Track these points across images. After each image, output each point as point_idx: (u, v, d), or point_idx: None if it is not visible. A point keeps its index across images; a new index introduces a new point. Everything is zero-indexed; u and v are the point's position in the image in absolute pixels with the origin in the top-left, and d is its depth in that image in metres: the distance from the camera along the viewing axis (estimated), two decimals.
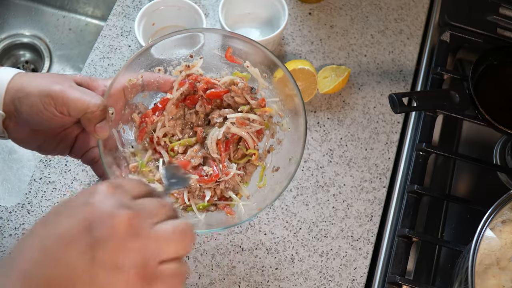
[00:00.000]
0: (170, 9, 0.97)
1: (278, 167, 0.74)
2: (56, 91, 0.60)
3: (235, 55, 0.74)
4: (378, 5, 1.09)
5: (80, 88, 0.63)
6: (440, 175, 0.97)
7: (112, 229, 0.42)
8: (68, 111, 0.61)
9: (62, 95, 0.60)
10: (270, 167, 0.75)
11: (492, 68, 0.96)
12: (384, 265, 0.86)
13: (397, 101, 0.86)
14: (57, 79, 0.62)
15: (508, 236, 0.75)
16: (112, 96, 0.66)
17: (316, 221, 0.89)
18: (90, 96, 0.61)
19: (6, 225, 0.84)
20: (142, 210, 0.44)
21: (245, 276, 0.84)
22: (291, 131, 0.73)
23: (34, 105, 0.60)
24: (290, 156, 0.71)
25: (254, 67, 0.74)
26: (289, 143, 0.74)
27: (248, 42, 0.72)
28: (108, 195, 0.44)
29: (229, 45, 0.73)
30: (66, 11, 1.21)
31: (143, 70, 0.70)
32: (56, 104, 0.60)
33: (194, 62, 0.74)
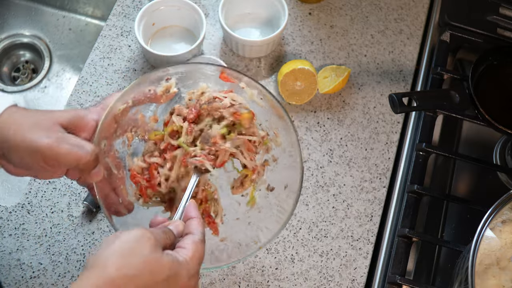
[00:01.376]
0: (170, 9, 0.97)
1: (273, 187, 0.73)
2: (44, 147, 0.58)
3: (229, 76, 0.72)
4: (378, 5, 1.09)
5: (69, 138, 0.60)
6: (440, 175, 0.97)
7: None
8: (59, 165, 0.60)
9: (51, 151, 0.58)
10: (265, 183, 0.73)
11: (492, 68, 0.96)
12: (384, 265, 0.86)
13: (397, 101, 0.86)
14: (43, 130, 0.59)
15: (508, 236, 0.75)
16: (104, 130, 0.65)
17: (316, 221, 0.89)
18: (79, 148, 0.60)
19: (6, 225, 0.84)
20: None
21: (245, 276, 0.84)
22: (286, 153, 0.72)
23: (23, 158, 0.59)
24: (286, 183, 0.70)
25: (250, 87, 0.72)
26: (284, 167, 0.73)
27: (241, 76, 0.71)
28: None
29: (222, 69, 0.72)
30: (66, 11, 1.21)
31: (132, 95, 0.69)
32: (45, 159, 0.59)
33: (170, 83, 0.71)
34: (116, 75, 0.97)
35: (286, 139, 0.72)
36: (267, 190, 0.73)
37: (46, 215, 0.85)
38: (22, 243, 0.83)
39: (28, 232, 0.84)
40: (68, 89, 1.15)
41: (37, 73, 1.17)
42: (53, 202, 0.86)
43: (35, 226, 0.84)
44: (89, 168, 0.61)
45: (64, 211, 0.86)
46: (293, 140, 0.70)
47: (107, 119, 0.65)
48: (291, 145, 0.71)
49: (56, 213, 0.85)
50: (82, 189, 0.87)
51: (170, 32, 1.00)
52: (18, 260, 0.82)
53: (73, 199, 0.86)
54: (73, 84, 1.14)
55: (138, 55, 0.99)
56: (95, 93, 0.95)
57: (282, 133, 0.73)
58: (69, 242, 0.84)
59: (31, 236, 0.84)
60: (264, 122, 0.74)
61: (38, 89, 1.15)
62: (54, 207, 0.86)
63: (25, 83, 1.15)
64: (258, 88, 0.72)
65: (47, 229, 0.84)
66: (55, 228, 0.84)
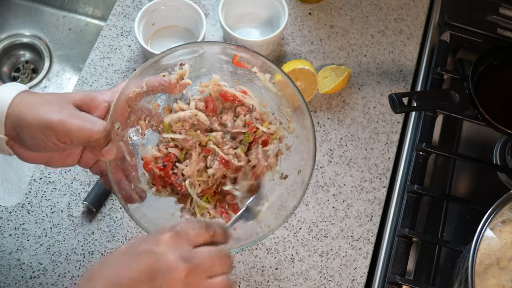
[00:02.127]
0: (170, 9, 0.97)
1: (286, 175, 0.73)
2: (56, 123, 0.59)
3: (242, 60, 0.72)
4: (378, 5, 1.09)
5: (81, 114, 0.61)
6: (440, 175, 0.97)
7: (171, 282, 0.50)
8: (71, 141, 0.60)
9: (63, 126, 0.59)
10: (279, 172, 0.73)
11: (492, 68, 0.96)
12: (384, 265, 0.86)
13: (397, 101, 0.86)
14: (56, 107, 0.60)
15: (508, 236, 0.75)
16: (117, 111, 0.65)
17: (316, 221, 0.89)
18: (91, 124, 0.60)
19: (6, 225, 0.84)
20: (199, 265, 0.52)
21: (245, 276, 0.84)
22: (300, 140, 0.72)
23: (35, 137, 0.59)
24: (299, 168, 0.70)
25: (262, 72, 0.72)
26: (297, 153, 0.73)
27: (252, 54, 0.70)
28: (171, 246, 0.52)
29: (234, 53, 0.72)
30: (66, 11, 1.21)
31: (147, 78, 0.68)
32: (57, 136, 0.59)
33: (184, 69, 0.71)
34: (116, 75, 0.97)
35: (299, 124, 0.72)
36: (281, 179, 0.73)
37: (46, 215, 0.85)
38: (22, 243, 0.83)
39: (28, 232, 0.84)
40: (68, 89, 1.15)
41: (37, 73, 1.17)
42: (53, 202, 0.86)
43: (35, 226, 0.84)
44: (101, 145, 0.61)
45: (64, 211, 0.86)
46: (307, 124, 0.69)
47: (120, 100, 0.65)
48: (304, 129, 0.71)
49: (56, 213, 0.85)
50: (82, 189, 0.87)
51: (170, 32, 1.00)
52: (18, 260, 0.82)
53: (73, 199, 0.86)
54: (73, 84, 1.14)
55: (138, 55, 0.99)
56: None
57: (295, 118, 0.73)
58: (69, 242, 0.84)
59: (31, 236, 0.84)
60: (277, 110, 0.74)
61: (38, 89, 1.15)
62: (54, 207, 0.86)
63: (25, 83, 1.15)
64: (271, 71, 0.71)
65: (47, 229, 0.84)
66: (55, 228, 0.84)
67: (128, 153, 0.68)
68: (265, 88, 0.73)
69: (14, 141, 0.62)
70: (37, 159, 0.65)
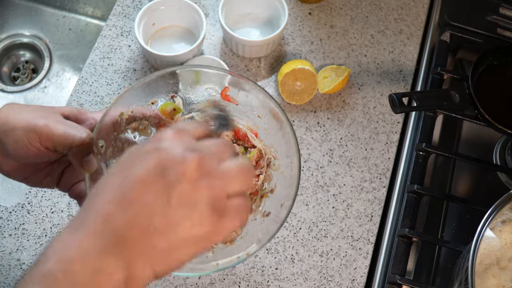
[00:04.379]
0: (170, 9, 0.97)
1: (269, 212, 0.71)
2: (41, 126, 0.59)
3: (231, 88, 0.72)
4: (378, 5, 1.09)
5: (66, 121, 0.62)
6: (440, 175, 0.97)
7: (184, 172, 0.45)
8: (53, 146, 0.60)
9: (47, 130, 0.59)
10: (261, 211, 0.73)
11: (492, 68, 0.96)
12: (384, 265, 0.86)
13: (397, 101, 0.86)
14: (43, 113, 0.61)
15: (508, 236, 0.75)
16: (103, 130, 0.64)
17: (316, 221, 0.89)
18: (75, 130, 0.60)
19: (6, 225, 0.84)
20: (208, 152, 0.48)
21: (245, 276, 0.84)
22: (284, 175, 0.71)
23: (19, 140, 0.59)
24: (282, 201, 0.69)
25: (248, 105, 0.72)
26: (281, 188, 0.72)
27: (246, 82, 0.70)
28: (175, 140, 0.48)
29: (226, 83, 0.71)
30: (66, 11, 1.21)
31: (135, 105, 0.68)
32: (41, 139, 0.59)
33: (177, 102, 0.71)
34: (116, 75, 0.97)
35: (286, 160, 0.71)
36: (263, 217, 0.72)
37: (46, 215, 0.85)
38: (22, 243, 0.83)
39: (28, 232, 0.84)
40: (68, 89, 1.15)
41: (37, 73, 1.17)
42: (53, 202, 0.86)
43: (35, 226, 0.84)
44: (82, 153, 0.61)
45: (64, 211, 0.86)
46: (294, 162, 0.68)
47: (106, 119, 0.64)
48: (290, 169, 0.69)
49: (56, 213, 0.85)
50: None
51: (170, 32, 1.00)
52: (18, 260, 0.82)
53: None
54: (73, 84, 1.14)
55: (138, 55, 0.99)
56: (95, 93, 0.95)
57: (282, 155, 0.71)
58: None
59: (31, 236, 0.84)
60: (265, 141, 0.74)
61: (38, 89, 1.15)
62: (54, 207, 0.86)
63: (25, 83, 1.15)
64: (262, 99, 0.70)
65: (47, 229, 0.84)
66: (55, 228, 0.84)
67: None
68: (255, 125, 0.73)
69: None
70: (17, 174, 0.65)
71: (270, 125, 0.73)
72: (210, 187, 0.46)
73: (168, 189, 0.45)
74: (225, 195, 0.47)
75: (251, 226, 0.71)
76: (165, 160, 0.46)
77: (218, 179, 0.47)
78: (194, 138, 0.50)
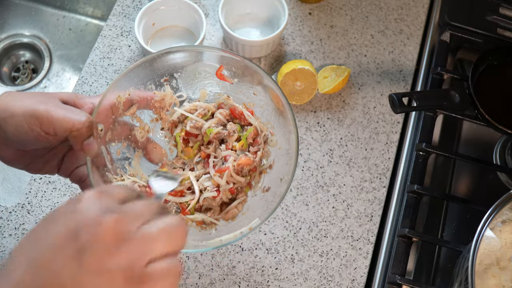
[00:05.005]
0: (170, 9, 0.97)
1: (268, 187, 0.72)
2: (41, 111, 0.59)
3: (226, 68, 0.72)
4: (378, 5, 1.09)
5: (66, 106, 0.62)
6: (440, 175, 0.97)
7: (97, 234, 0.42)
8: (54, 131, 0.60)
9: (47, 114, 0.59)
10: (261, 187, 0.73)
11: (492, 68, 0.96)
12: (384, 265, 0.86)
13: (397, 101, 0.86)
14: (42, 99, 0.61)
15: (508, 236, 0.75)
16: (101, 114, 0.65)
17: (316, 221, 0.89)
18: (75, 114, 0.60)
19: (6, 225, 0.84)
20: (128, 213, 0.44)
21: (245, 276, 0.84)
22: (282, 151, 0.72)
23: (19, 126, 0.59)
24: (282, 176, 0.69)
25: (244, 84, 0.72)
26: (280, 164, 0.72)
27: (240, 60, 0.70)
28: (94, 201, 0.44)
29: (221, 62, 0.72)
30: (66, 11, 1.21)
31: (132, 88, 0.69)
32: (41, 124, 0.59)
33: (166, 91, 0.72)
34: (116, 75, 0.97)
35: (283, 136, 0.72)
36: (263, 192, 0.72)
37: (46, 215, 0.85)
38: None
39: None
40: (68, 89, 1.15)
41: (37, 73, 1.17)
42: (53, 202, 0.86)
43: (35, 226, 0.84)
44: (83, 136, 0.61)
45: None
46: (292, 137, 0.69)
47: (105, 102, 0.65)
48: (288, 142, 0.70)
49: None
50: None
51: (170, 32, 1.00)
52: None
53: None
54: (73, 84, 1.14)
55: (138, 55, 0.99)
56: (95, 93, 0.95)
57: (277, 126, 0.72)
58: None
59: None
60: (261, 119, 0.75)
61: (38, 89, 1.15)
62: (54, 207, 0.86)
63: (25, 83, 1.15)
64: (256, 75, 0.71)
65: None
66: None
67: (110, 161, 0.68)
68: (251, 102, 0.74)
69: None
70: (18, 161, 0.64)
71: (266, 101, 0.73)
72: (126, 252, 0.42)
73: (80, 253, 0.41)
74: (144, 261, 0.43)
75: (252, 202, 0.72)
76: (78, 222, 0.43)
77: (137, 243, 0.43)
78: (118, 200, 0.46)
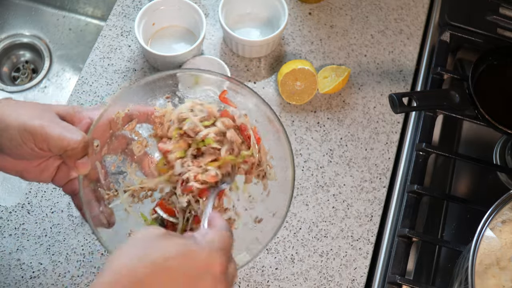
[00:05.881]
0: (170, 9, 0.97)
1: (261, 218, 0.71)
2: (36, 127, 0.58)
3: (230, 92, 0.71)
4: (378, 5, 1.09)
5: (62, 123, 0.61)
6: (440, 175, 0.97)
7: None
8: (48, 148, 0.60)
9: (41, 131, 0.58)
10: (252, 217, 0.72)
11: (492, 68, 0.96)
12: (384, 265, 0.86)
13: (397, 101, 0.86)
14: (38, 112, 0.60)
15: (508, 236, 0.75)
16: (98, 129, 0.64)
17: (316, 221, 0.89)
18: (70, 133, 0.60)
19: (6, 225, 0.84)
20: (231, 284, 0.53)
21: (245, 276, 0.84)
22: (279, 183, 0.71)
23: (13, 139, 0.59)
24: (275, 210, 0.68)
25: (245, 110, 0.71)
26: (274, 195, 0.71)
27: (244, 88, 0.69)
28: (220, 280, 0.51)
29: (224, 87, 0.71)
30: (66, 11, 1.21)
31: (131, 104, 0.68)
32: (35, 140, 0.59)
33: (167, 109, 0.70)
34: (116, 75, 0.97)
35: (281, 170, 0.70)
36: (255, 222, 0.71)
37: (46, 215, 0.85)
38: (22, 243, 0.83)
39: (28, 232, 0.84)
40: (68, 89, 1.15)
41: (37, 73, 1.17)
42: (53, 202, 0.86)
43: (35, 226, 0.84)
44: (77, 156, 0.61)
45: (64, 211, 0.86)
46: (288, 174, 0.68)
47: (103, 119, 0.64)
48: (284, 175, 0.69)
49: (56, 213, 0.85)
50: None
51: (170, 32, 1.00)
52: (18, 260, 0.82)
53: None
54: (73, 84, 1.14)
55: (138, 55, 0.99)
56: (95, 93, 0.95)
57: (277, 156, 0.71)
58: (69, 242, 0.84)
59: (31, 236, 0.84)
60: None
61: (38, 89, 1.15)
62: (54, 207, 0.86)
63: (25, 83, 1.16)
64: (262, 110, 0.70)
65: (47, 229, 0.84)
66: (55, 228, 0.84)
67: (103, 176, 0.67)
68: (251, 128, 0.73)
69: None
70: (12, 170, 0.64)
71: (266, 130, 0.72)
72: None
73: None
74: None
75: (242, 231, 0.70)
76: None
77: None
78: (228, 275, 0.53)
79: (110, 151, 0.68)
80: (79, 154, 0.61)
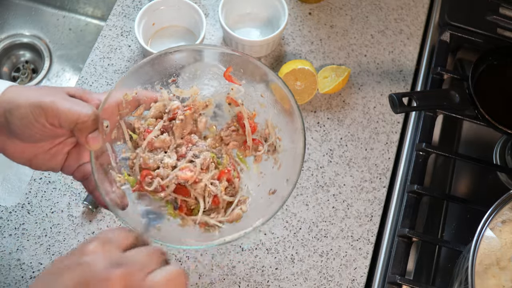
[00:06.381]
0: (170, 9, 0.97)
1: (274, 190, 0.70)
2: (47, 102, 0.59)
3: (234, 69, 0.71)
4: (378, 5, 1.09)
5: (72, 99, 0.62)
6: (440, 175, 0.97)
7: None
8: (59, 122, 0.60)
9: (53, 106, 0.59)
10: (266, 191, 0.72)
11: (492, 68, 0.96)
12: (384, 265, 0.86)
13: (397, 101, 0.86)
14: (49, 91, 0.61)
15: (508, 236, 0.75)
16: (107, 110, 0.65)
17: (316, 221, 0.89)
18: (81, 106, 0.60)
19: (6, 225, 0.84)
20: (133, 265, 0.47)
21: (245, 276, 0.84)
22: (289, 152, 0.71)
23: (24, 117, 0.59)
24: (288, 177, 0.68)
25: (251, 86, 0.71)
26: (286, 165, 0.71)
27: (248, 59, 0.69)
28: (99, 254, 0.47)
29: (230, 62, 0.71)
30: (66, 11, 1.21)
31: (139, 87, 0.69)
32: (46, 116, 0.59)
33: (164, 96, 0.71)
34: (116, 75, 0.97)
35: (289, 137, 0.71)
36: (269, 194, 0.71)
37: (46, 215, 0.85)
38: (22, 243, 0.83)
39: (28, 232, 0.84)
40: None
41: (37, 73, 1.17)
42: (53, 202, 0.86)
43: (35, 226, 0.84)
44: (88, 129, 0.61)
45: (64, 211, 0.86)
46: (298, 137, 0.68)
47: (111, 99, 0.65)
48: (295, 148, 0.69)
49: (56, 213, 0.85)
50: (82, 189, 0.87)
51: (170, 32, 1.00)
52: (18, 260, 0.82)
53: (73, 199, 0.86)
54: (73, 84, 1.14)
55: (138, 55, 0.99)
56: None
57: (286, 133, 0.71)
58: (69, 242, 0.84)
59: (31, 236, 0.84)
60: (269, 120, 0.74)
61: None
62: (54, 207, 0.86)
63: (25, 83, 1.16)
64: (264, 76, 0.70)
65: (47, 229, 0.84)
66: (55, 228, 0.84)
67: (114, 158, 0.67)
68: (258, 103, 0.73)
69: (2, 131, 0.61)
70: (22, 156, 0.64)
71: (273, 102, 0.72)
72: None
73: None
74: None
75: (257, 204, 0.71)
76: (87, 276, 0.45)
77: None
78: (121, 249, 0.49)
79: (120, 137, 0.69)
80: (90, 127, 0.61)
